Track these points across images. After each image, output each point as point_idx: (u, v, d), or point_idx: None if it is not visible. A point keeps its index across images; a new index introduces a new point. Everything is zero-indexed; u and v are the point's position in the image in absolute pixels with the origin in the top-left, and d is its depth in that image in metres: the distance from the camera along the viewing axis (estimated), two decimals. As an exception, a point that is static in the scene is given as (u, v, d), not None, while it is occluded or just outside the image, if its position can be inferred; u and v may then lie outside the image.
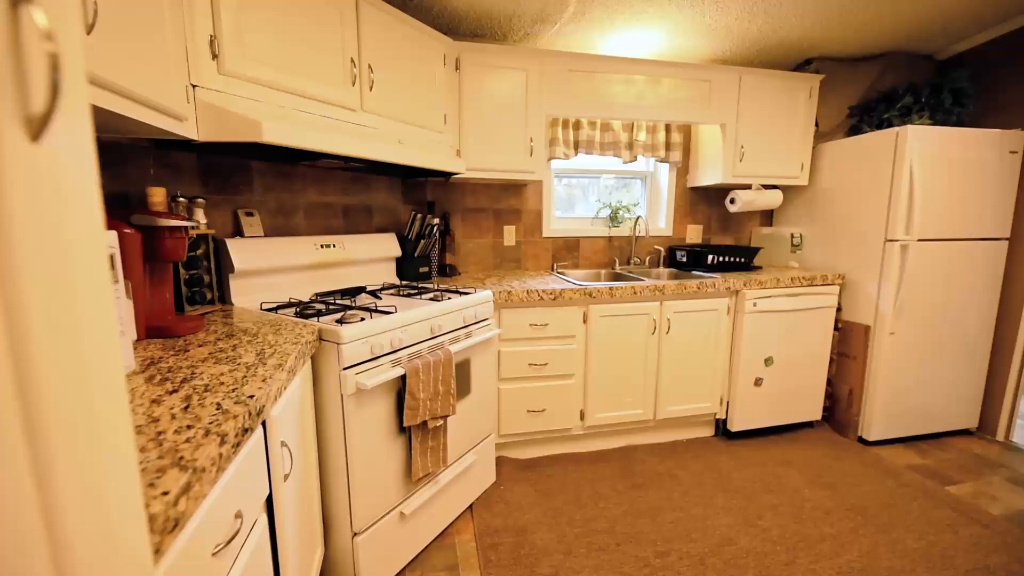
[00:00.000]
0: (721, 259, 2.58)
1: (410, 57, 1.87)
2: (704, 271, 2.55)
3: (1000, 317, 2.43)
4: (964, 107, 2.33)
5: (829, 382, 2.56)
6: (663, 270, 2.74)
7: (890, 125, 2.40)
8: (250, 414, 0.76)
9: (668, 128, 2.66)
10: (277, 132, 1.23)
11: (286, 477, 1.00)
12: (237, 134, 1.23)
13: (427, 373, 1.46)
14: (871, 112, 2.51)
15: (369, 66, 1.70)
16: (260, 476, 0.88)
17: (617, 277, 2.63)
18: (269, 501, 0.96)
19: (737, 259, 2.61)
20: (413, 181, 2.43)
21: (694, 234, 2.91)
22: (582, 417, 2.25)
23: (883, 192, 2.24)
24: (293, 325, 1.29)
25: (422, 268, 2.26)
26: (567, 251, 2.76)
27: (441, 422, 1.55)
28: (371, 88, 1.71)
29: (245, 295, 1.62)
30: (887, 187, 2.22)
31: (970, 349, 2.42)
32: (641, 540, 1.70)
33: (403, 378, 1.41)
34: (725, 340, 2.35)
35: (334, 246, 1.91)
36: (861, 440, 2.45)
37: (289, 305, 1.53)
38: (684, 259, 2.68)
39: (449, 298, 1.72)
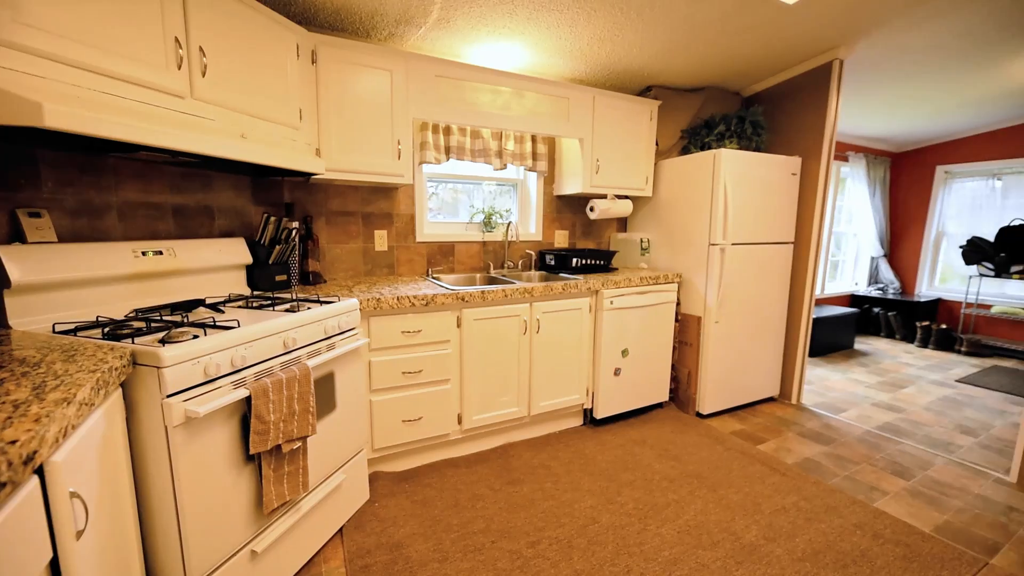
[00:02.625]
0: (584, 262, 2.81)
1: (254, 43, 1.69)
2: (569, 273, 2.76)
3: (790, 305, 3.05)
4: (760, 136, 2.88)
5: (673, 367, 2.96)
6: (534, 273, 2.89)
7: (710, 147, 2.86)
8: (9, 464, 0.61)
9: (534, 139, 2.82)
10: (64, 116, 1.02)
11: (79, 534, 0.83)
12: (7, 116, 0.99)
13: (279, 392, 1.33)
14: (697, 135, 2.97)
15: (201, 49, 1.50)
16: (35, 539, 0.71)
17: (491, 281, 2.70)
18: (56, 566, 0.78)
19: (597, 262, 2.87)
20: (265, 180, 2.21)
21: (561, 239, 3.12)
22: (460, 421, 2.27)
23: (706, 203, 2.67)
24: (96, 349, 1.07)
25: (279, 276, 2.06)
26: (442, 256, 2.76)
27: (299, 444, 1.43)
28: (204, 74, 1.51)
29: (30, 315, 1.30)
30: (708, 199, 2.65)
31: (771, 331, 3.00)
32: (515, 533, 1.77)
33: (248, 400, 1.27)
34: (588, 336, 2.57)
35: (162, 253, 1.64)
36: (698, 414, 2.87)
37: (95, 325, 1.27)
38: (552, 262, 2.86)
39: (308, 308, 1.59)
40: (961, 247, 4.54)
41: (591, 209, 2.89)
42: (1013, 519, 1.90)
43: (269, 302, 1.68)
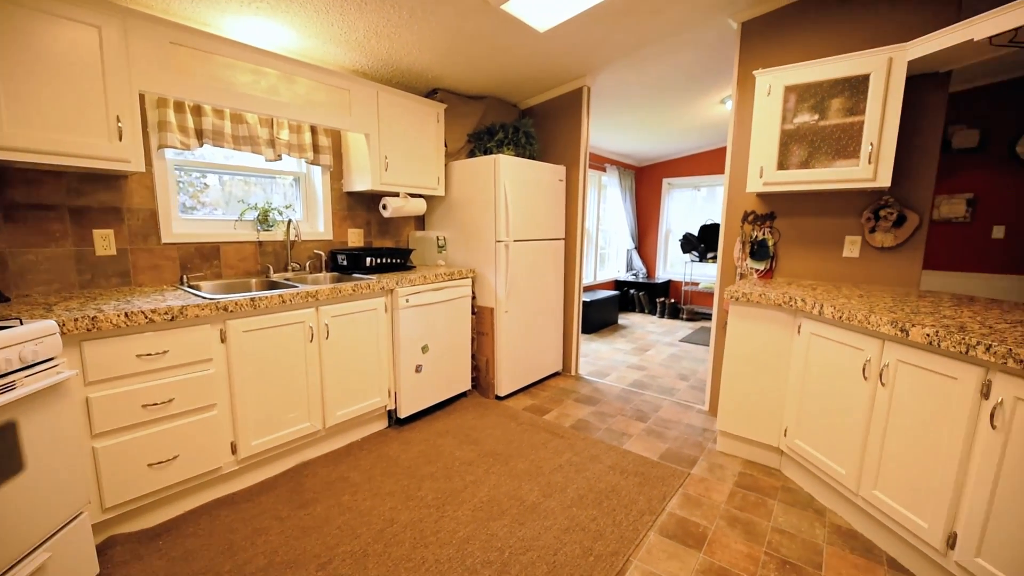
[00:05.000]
0: (379, 261, 2.74)
1: None
2: (364, 273, 2.66)
3: (565, 291, 3.57)
4: (533, 145, 3.27)
5: (473, 356, 3.15)
6: (326, 275, 2.69)
7: (491, 152, 3.12)
8: None
9: (315, 130, 2.61)
10: None
11: None
12: None
13: None
14: (480, 140, 3.20)
15: None
16: None
17: (271, 286, 2.40)
18: None
19: (394, 260, 2.84)
20: None
21: (356, 237, 2.98)
22: (234, 450, 1.96)
23: (491, 204, 2.90)
24: None
25: (-93, 297, 1.42)
26: (203, 260, 2.32)
27: (-56, 531, 1.01)
28: None
29: None
30: (492, 200, 2.89)
31: (552, 315, 3.46)
32: (303, 560, 1.62)
33: None
34: (386, 336, 2.52)
35: None
36: (497, 397, 3.12)
37: None
38: (345, 263, 2.71)
39: (-45, 339, 1.14)
40: (679, 240, 6.04)
41: (384, 207, 2.83)
42: (706, 437, 2.63)
43: None
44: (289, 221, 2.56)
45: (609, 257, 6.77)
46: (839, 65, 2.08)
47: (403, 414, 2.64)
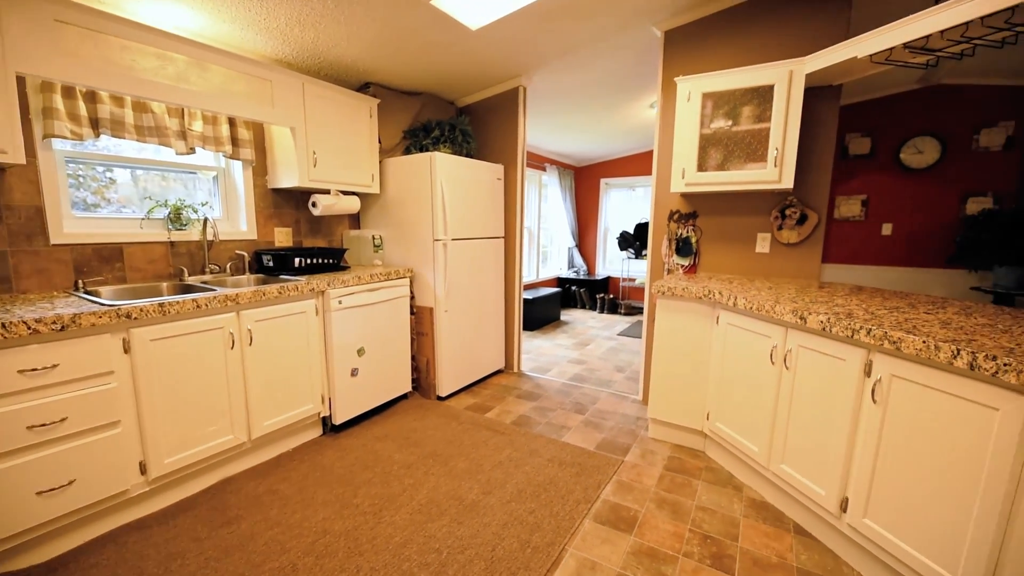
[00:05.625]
0: (309, 261, 2.62)
1: None
2: (292, 274, 2.52)
3: (506, 289, 3.60)
4: (470, 144, 3.26)
5: (413, 357, 3.09)
6: (249, 277, 2.53)
7: (427, 150, 3.07)
8: None
9: (233, 122, 2.44)
10: None
11: None
12: None
13: None
14: (416, 137, 3.14)
15: None
16: None
17: (186, 289, 2.22)
18: None
19: (326, 260, 2.72)
20: None
21: (283, 237, 2.82)
22: (144, 470, 1.79)
23: (428, 202, 2.86)
24: None
25: None
26: (103, 263, 2.10)
27: None
28: None
29: None
30: (429, 198, 2.85)
31: (494, 313, 3.47)
32: (225, 581, 1.52)
33: None
34: (318, 340, 2.41)
35: None
36: (439, 397, 3.09)
37: None
38: (271, 263, 2.56)
39: None
40: (617, 238, 6.27)
41: (314, 205, 2.71)
42: (639, 425, 2.76)
43: None
44: (205, 219, 2.38)
45: (551, 255, 6.90)
46: (748, 75, 2.25)
47: (339, 420, 2.54)
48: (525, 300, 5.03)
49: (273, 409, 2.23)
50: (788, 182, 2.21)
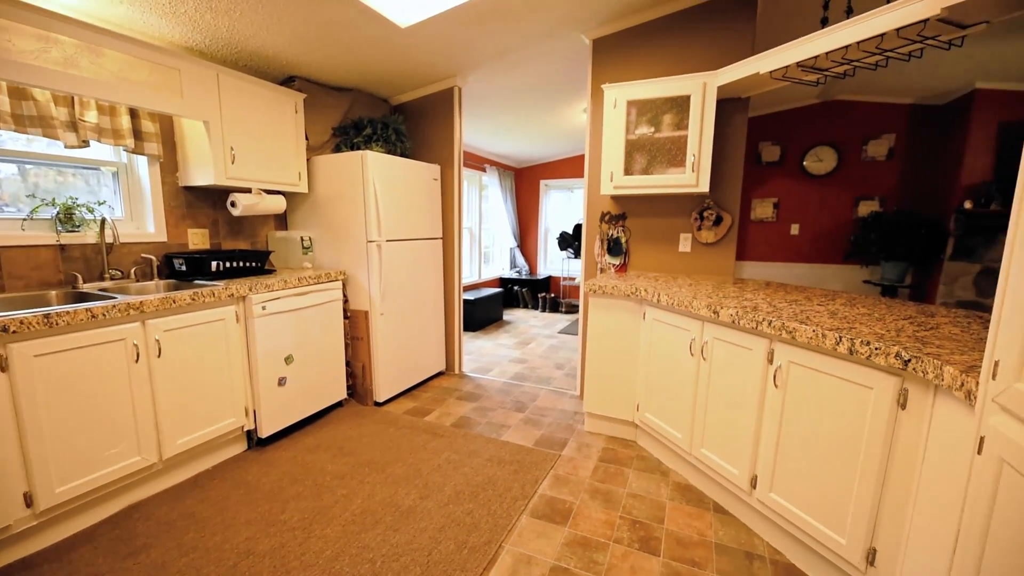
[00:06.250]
0: (229, 264, 2.45)
1: None
2: (208, 279, 2.35)
3: (445, 290, 3.57)
4: (404, 143, 3.20)
5: (348, 363, 2.99)
6: (158, 282, 2.32)
7: (359, 148, 2.98)
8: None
9: (136, 113, 2.23)
10: None
11: None
12: None
13: None
14: (347, 135, 3.04)
15: None
16: None
17: (81, 297, 2.00)
18: None
19: (249, 264, 2.56)
20: None
21: (199, 239, 2.62)
22: (30, 502, 1.59)
23: (360, 202, 2.77)
24: None
25: None
26: (-26, 269, 1.84)
27: None
28: None
29: None
30: (361, 198, 2.76)
31: (433, 315, 3.43)
32: (129, 617, 1.39)
33: None
34: (239, 349, 2.26)
35: None
36: (376, 403, 3.01)
37: None
38: (184, 268, 2.37)
39: None
40: (556, 239, 6.42)
41: (233, 204, 2.53)
42: (577, 420, 2.84)
43: None
44: (103, 220, 2.15)
45: (494, 255, 6.93)
46: (668, 85, 2.39)
47: (265, 433, 2.40)
48: (467, 301, 5.02)
49: (188, 426, 2.06)
50: (704, 186, 2.37)
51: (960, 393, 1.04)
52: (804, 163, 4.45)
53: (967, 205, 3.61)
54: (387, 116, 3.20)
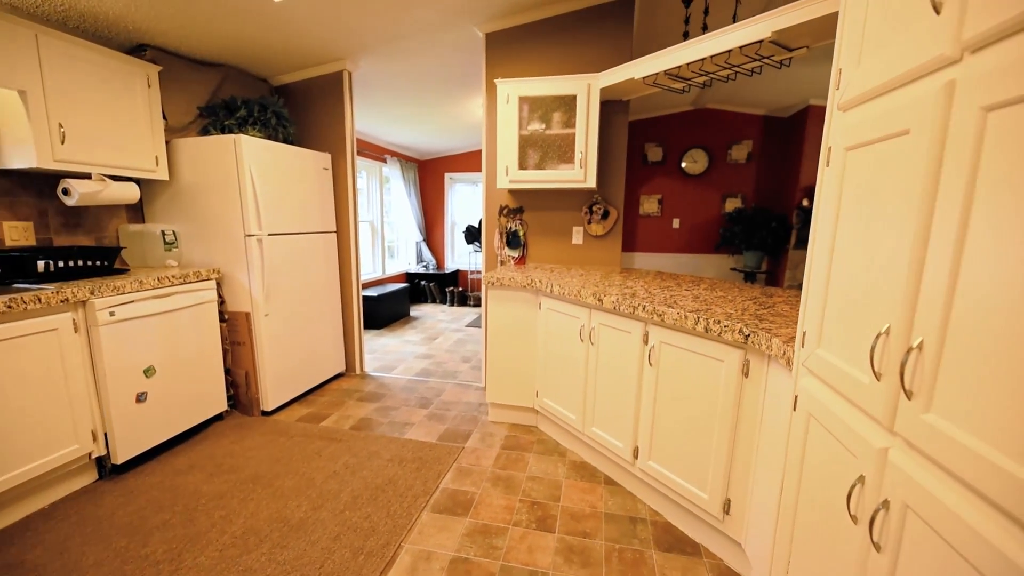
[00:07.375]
0: (64, 264, 2.06)
1: None
2: (34, 282, 1.95)
3: (342, 287, 3.38)
4: (288, 128, 2.95)
5: (228, 371, 2.69)
6: (-40, 288, 1.88)
7: (231, 131, 2.67)
8: None
9: (-86, 76, 1.77)
10: None
11: None
12: None
13: None
14: (216, 116, 2.71)
15: None
16: None
17: None
18: None
19: (91, 262, 2.18)
20: None
21: (20, 233, 2.16)
22: None
23: (235, 192, 2.50)
24: None
25: None
26: None
27: None
28: None
29: None
30: (236, 188, 2.49)
31: (328, 314, 3.23)
32: None
33: None
34: (80, 364, 1.92)
35: None
36: (264, 413, 2.76)
37: None
38: (-2, 269, 1.94)
39: None
40: (463, 232, 6.40)
41: (66, 192, 2.13)
42: (481, 411, 2.87)
43: None
44: None
45: (399, 250, 6.71)
46: (556, 84, 2.49)
47: (121, 458, 2.07)
48: (369, 298, 4.80)
49: (9, 460, 1.70)
50: (592, 182, 2.52)
51: (783, 360, 1.23)
52: (682, 164, 4.94)
53: (804, 203, 4.29)
54: (266, 98, 2.91)
